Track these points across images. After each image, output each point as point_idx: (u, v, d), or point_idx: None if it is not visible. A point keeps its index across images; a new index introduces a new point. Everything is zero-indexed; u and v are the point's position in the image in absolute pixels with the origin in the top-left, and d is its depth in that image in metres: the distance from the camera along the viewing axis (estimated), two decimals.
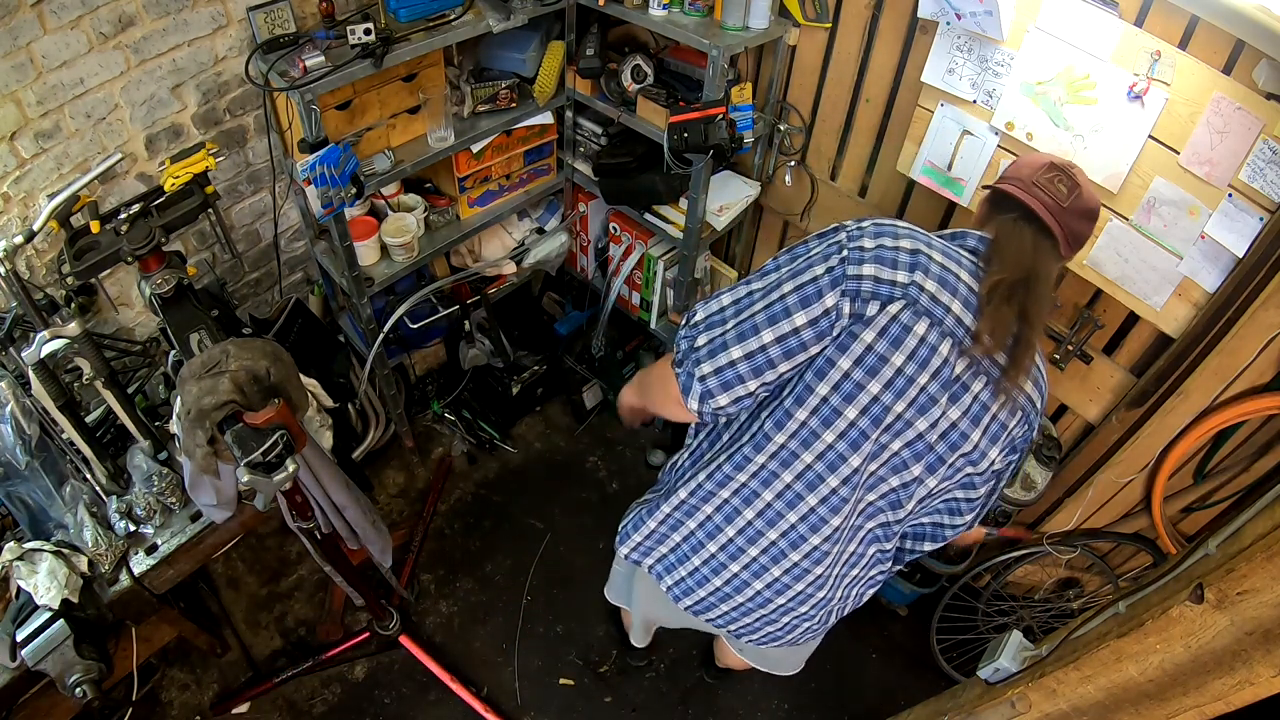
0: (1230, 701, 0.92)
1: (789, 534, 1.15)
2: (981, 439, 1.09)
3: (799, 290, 1.01)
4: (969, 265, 1.06)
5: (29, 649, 1.32)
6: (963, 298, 1.02)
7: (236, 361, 1.13)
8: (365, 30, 1.67)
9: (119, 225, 1.36)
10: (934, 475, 1.11)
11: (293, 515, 1.47)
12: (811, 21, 1.89)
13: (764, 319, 1.02)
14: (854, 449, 1.06)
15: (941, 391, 1.04)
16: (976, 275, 1.05)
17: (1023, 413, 1.10)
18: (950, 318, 1.01)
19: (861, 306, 0.99)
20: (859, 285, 0.99)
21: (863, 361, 1.01)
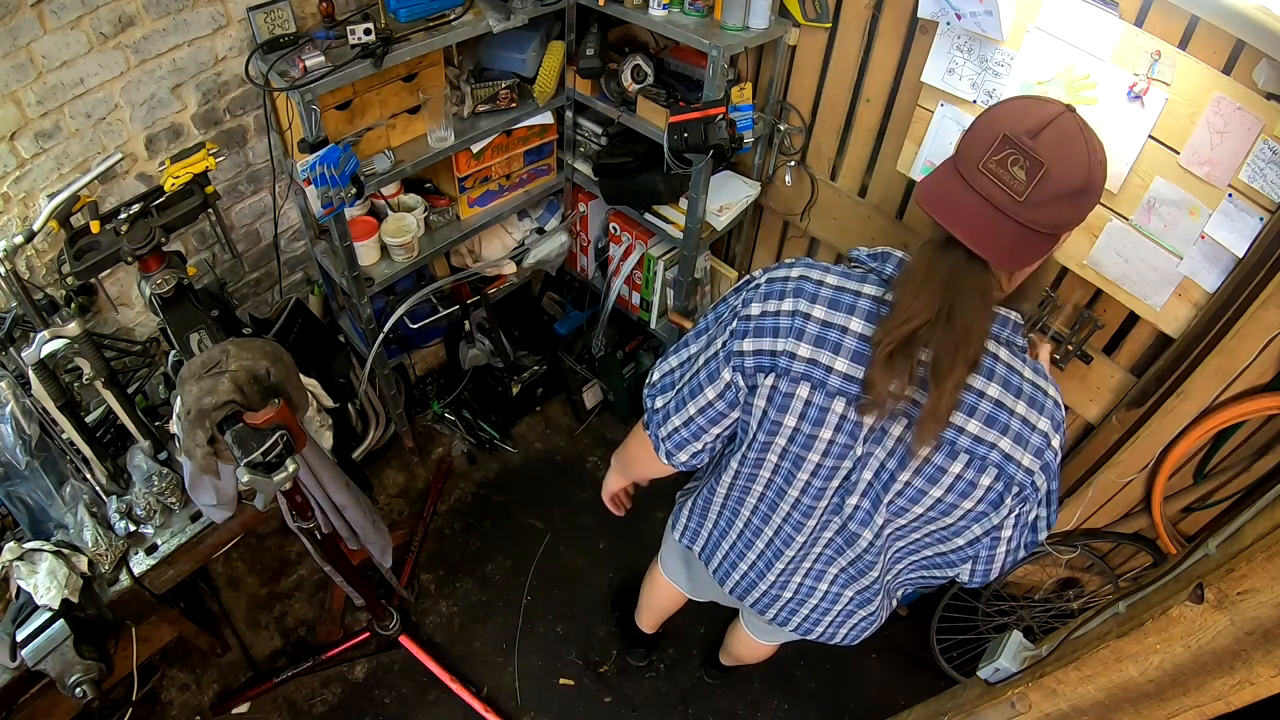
0: (1230, 701, 0.92)
1: (781, 528, 1.23)
2: (915, 479, 1.00)
3: (706, 365, 1.06)
4: (866, 308, 0.94)
5: (29, 649, 1.32)
6: (850, 351, 0.94)
7: (236, 361, 1.13)
8: (365, 30, 1.67)
9: (119, 225, 1.36)
10: (877, 512, 1.07)
11: (293, 515, 1.47)
12: (811, 21, 1.89)
13: (689, 392, 1.09)
14: (787, 483, 1.13)
15: (853, 440, 1.00)
16: (874, 318, 0.94)
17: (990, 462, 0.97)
18: (834, 377, 0.95)
19: (750, 379, 1.01)
20: (743, 361, 1.00)
21: (763, 425, 1.04)
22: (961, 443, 0.96)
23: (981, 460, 0.97)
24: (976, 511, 1.03)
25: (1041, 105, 0.87)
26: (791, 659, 2.29)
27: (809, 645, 2.31)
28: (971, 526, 1.06)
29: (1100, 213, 1.58)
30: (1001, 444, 0.96)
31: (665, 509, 2.61)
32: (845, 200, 2.10)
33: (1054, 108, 0.87)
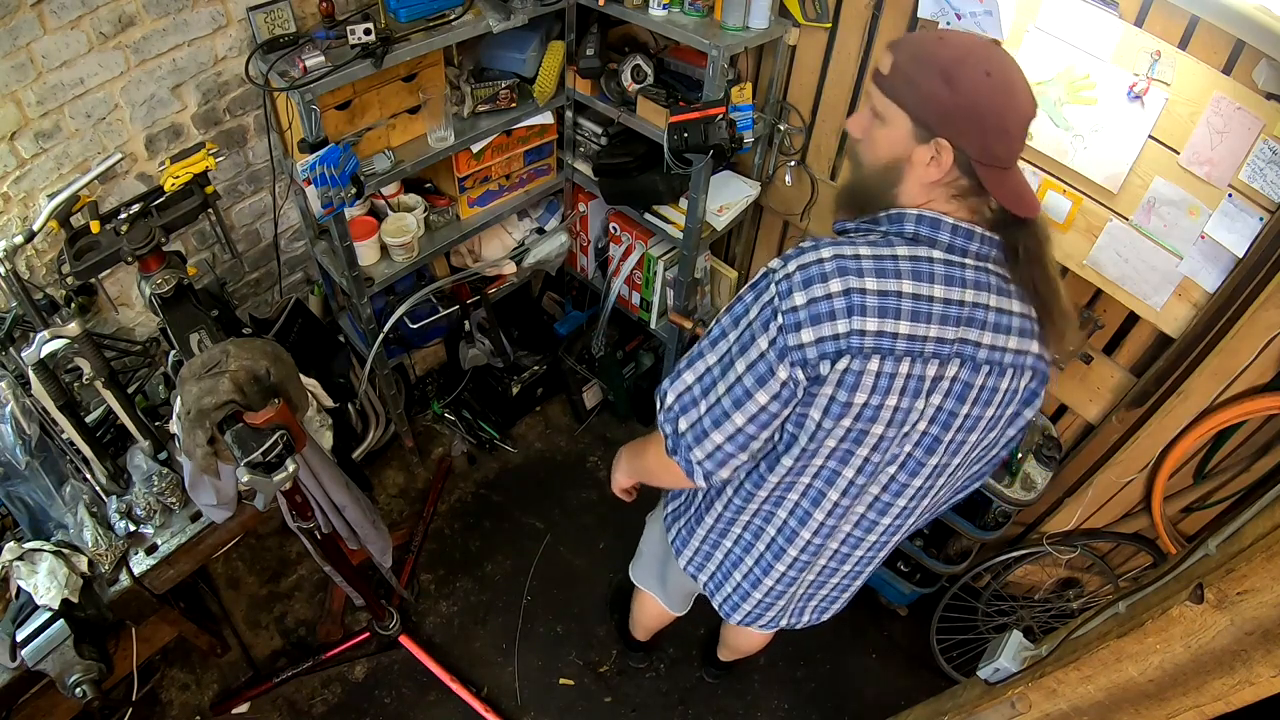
0: (1230, 701, 0.92)
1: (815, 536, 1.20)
2: (973, 409, 1.04)
3: (752, 370, 1.00)
4: (909, 269, 0.95)
5: (29, 649, 1.32)
6: (909, 312, 0.94)
7: (236, 361, 1.13)
8: (365, 30, 1.67)
9: (119, 225, 1.36)
10: (933, 455, 1.08)
11: (293, 515, 1.47)
12: (811, 21, 1.89)
13: (731, 404, 1.02)
14: (844, 463, 1.09)
15: (914, 399, 1.01)
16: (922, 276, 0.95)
17: (1026, 366, 1.03)
18: (900, 341, 0.95)
19: (813, 370, 0.96)
20: (803, 354, 0.95)
21: (829, 411, 1.00)
22: (1006, 360, 1.01)
23: (1019, 368, 1.03)
24: (1019, 415, 1.09)
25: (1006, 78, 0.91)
26: (791, 659, 2.29)
27: (809, 645, 2.32)
28: (1009, 431, 1.12)
29: (1100, 213, 1.58)
30: (1031, 348, 1.03)
31: None
32: None
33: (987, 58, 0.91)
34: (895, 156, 0.96)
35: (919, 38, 0.98)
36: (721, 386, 1.02)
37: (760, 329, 0.98)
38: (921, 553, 2.09)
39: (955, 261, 0.97)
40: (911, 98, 0.93)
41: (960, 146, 0.92)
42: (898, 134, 0.95)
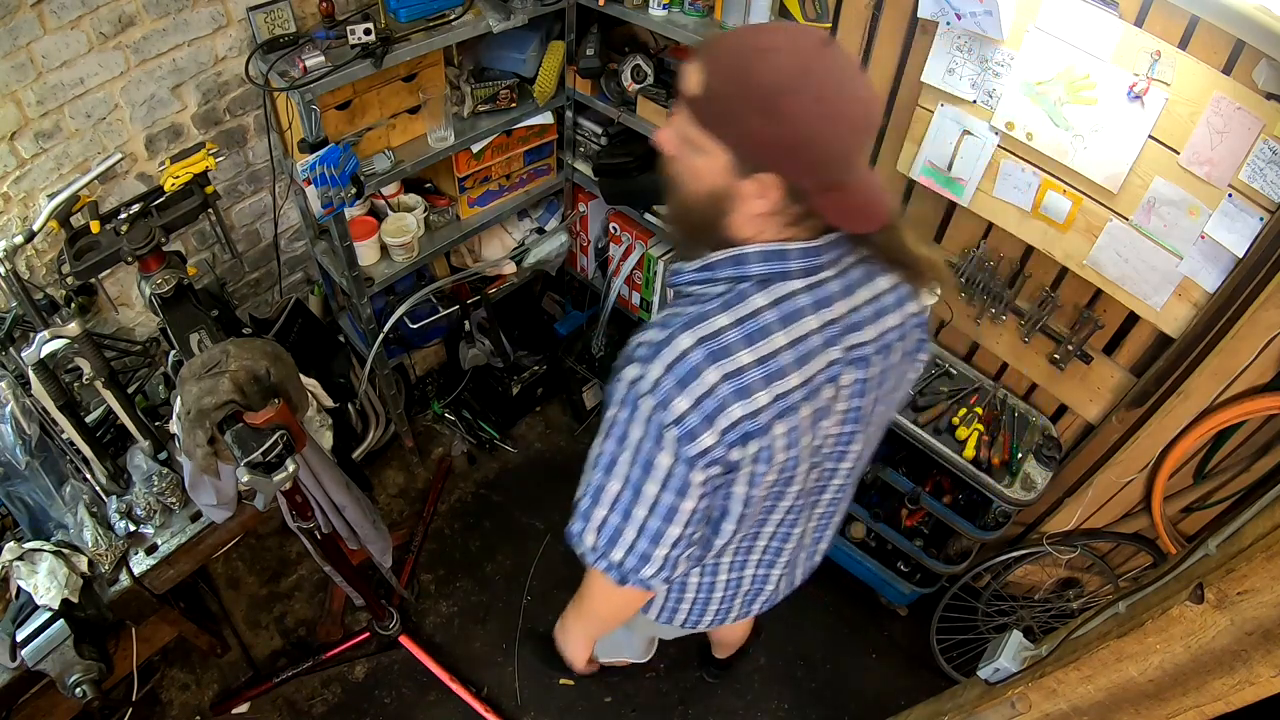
0: (1230, 701, 0.92)
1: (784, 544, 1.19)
2: (876, 391, 1.01)
3: (666, 488, 0.89)
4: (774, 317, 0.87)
5: (29, 649, 1.32)
6: (795, 361, 0.88)
7: (236, 361, 1.13)
8: (365, 30, 1.67)
9: (119, 225, 1.36)
10: (855, 441, 1.05)
11: (293, 515, 1.47)
12: (811, 22, 1.89)
13: (661, 520, 0.92)
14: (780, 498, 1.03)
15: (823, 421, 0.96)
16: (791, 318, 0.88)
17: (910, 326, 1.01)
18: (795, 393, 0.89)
19: (726, 463, 0.89)
20: (710, 454, 0.86)
21: (753, 483, 0.93)
22: (891, 337, 0.99)
23: (904, 334, 1.01)
24: (914, 364, 1.09)
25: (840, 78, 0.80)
26: (791, 659, 2.29)
27: (809, 645, 2.32)
28: (910, 377, 1.11)
29: (1100, 213, 1.58)
30: (910, 309, 1.01)
31: None
32: None
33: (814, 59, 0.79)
34: (717, 188, 0.85)
35: (733, 48, 0.82)
36: (642, 510, 0.92)
37: (654, 448, 0.87)
38: (921, 553, 2.09)
39: (816, 283, 0.90)
40: (729, 132, 0.81)
41: (789, 179, 0.82)
42: (716, 165, 0.83)
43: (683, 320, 0.87)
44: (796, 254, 0.89)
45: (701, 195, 0.88)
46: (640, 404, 0.87)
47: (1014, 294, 1.83)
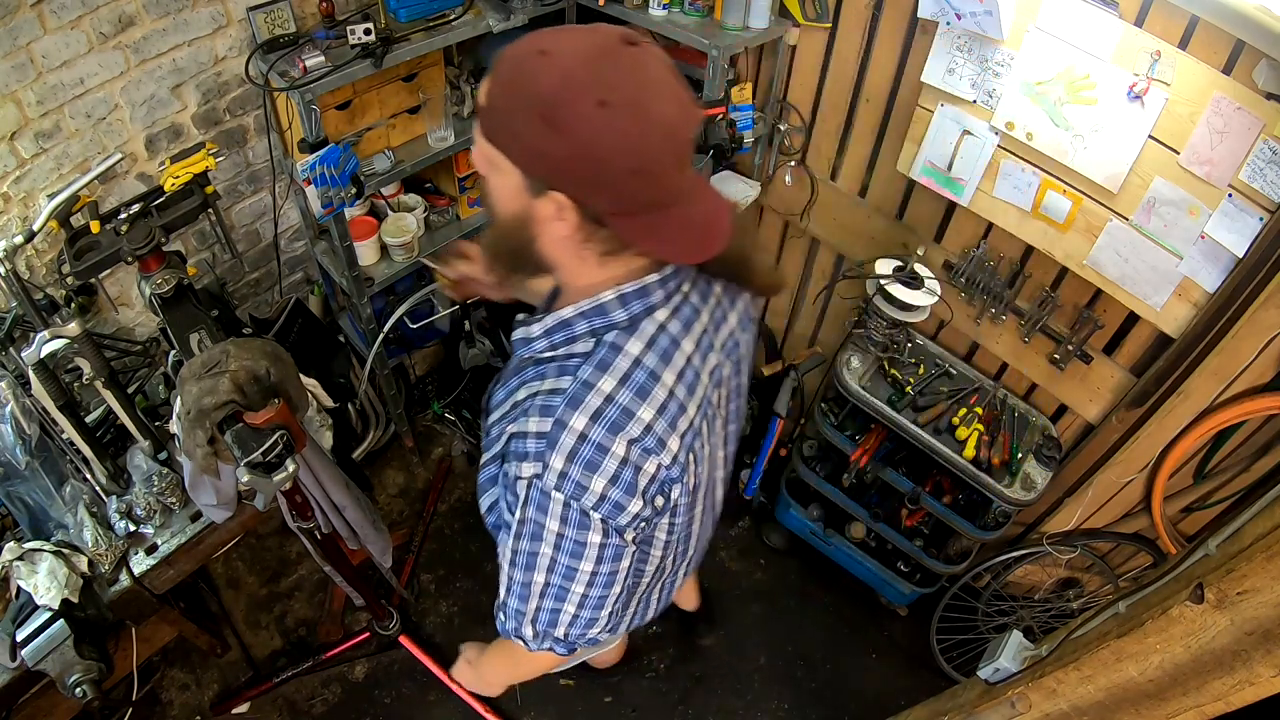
0: (1230, 701, 0.92)
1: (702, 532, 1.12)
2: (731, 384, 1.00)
3: (603, 559, 0.85)
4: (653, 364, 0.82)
5: (29, 649, 1.32)
6: (685, 394, 0.85)
7: (236, 361, 1.13)
8: (365, 30, 1.67)
9: (119, 225, 1.36)
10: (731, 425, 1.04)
11: (293, 515, 1.47)
12: (811, 21, 1.89)
13: (601, 589, 0.88)
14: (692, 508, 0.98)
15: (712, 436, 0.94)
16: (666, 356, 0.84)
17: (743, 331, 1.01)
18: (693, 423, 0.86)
19: (654, 513, 0.85)
20: (640, 516, 0.83)
21: (676, 514, 0.90)
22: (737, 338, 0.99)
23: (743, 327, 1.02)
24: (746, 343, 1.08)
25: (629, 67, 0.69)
26: (791, 659, 2.29)
27: (809, 645, 2.32)
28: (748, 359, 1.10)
29: (1100, 213, 1.58)
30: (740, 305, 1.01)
31: None
32: (845, 200, 2.10)
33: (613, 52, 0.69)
34: (518, 210, 0.77)
35: (516, 52, 0.71)
36: (580, 587, 0.87)
37: (580, 532, 0.82)
38: (921, 553, 2.09)
39: (678, 307, 0.86)
40: (513, 145, 0.72)
41: (583, 202, 0.73)
42: (511, 184, 0.75)
43: (564, 400, 0.79)
44: (656, 285, 0.83)
45: (508, 219, 0.79)
46: (550, 500, 0.80)
47: (1014, 294, 1.84)
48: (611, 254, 0.80)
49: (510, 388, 0.90)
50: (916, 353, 2.07)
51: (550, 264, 0.83)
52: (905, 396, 1.93)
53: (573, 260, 0.81)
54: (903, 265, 1.92)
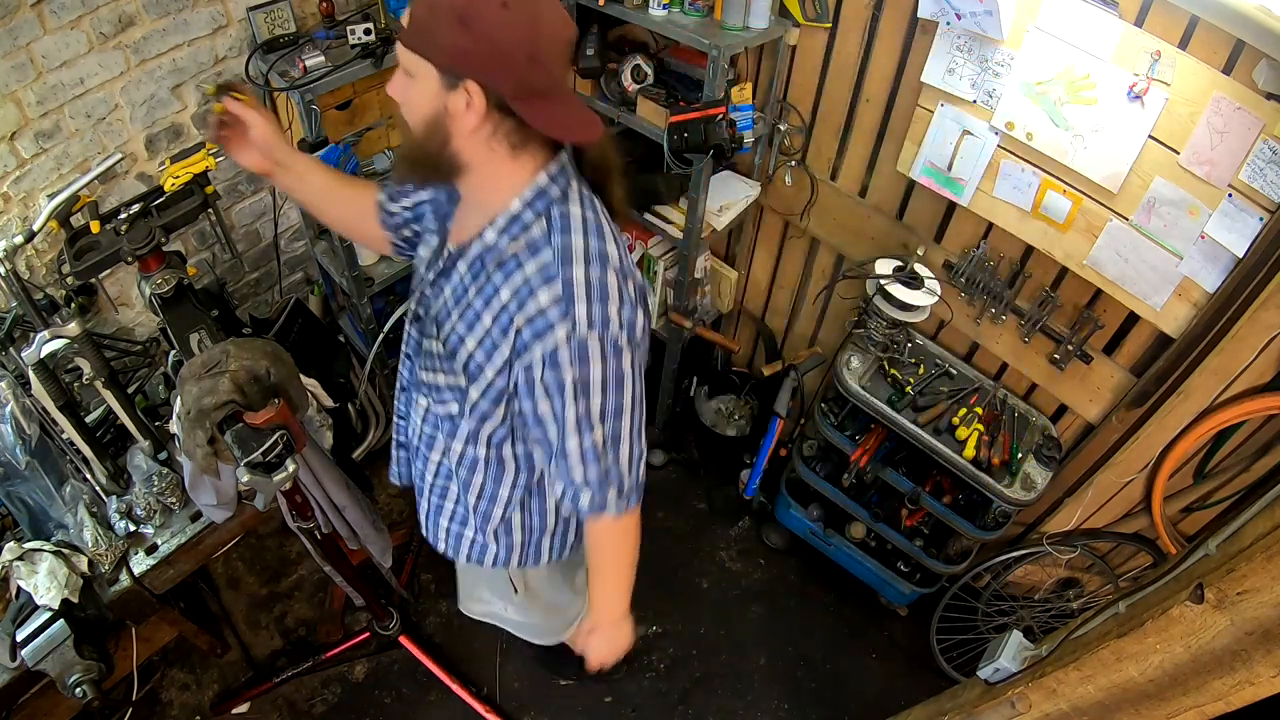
0: (1230, 701, 0.92)
1: None
2: None
3: (635, 376, 1.02)
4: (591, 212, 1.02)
5: (29, 649, 1.32)
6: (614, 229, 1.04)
7: (236, 361, 1.13)
8: (365, 30, 1.67)
9: (119, 225, 1.36)
10: None
11: (293, 515, 1.47)
12: (811, 21, 1.89)
13: (639, 407, 1.05)
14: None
15: None
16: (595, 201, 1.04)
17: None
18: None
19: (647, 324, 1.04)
20: (644, 328, 1.02)
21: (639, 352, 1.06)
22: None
23: None
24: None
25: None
26: (791, 659, 2.29)
27: (809, 645, 2.32)
28: None
29: (1100, 213, 1.58)
30: None
31: (667, 508, 2.61)
32: (845, 200, 2.10)
33: None
34: (434, 111, 0.92)
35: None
36: (627, 419, 1.03)
37: (617, 360, 0.98)
38: (921, 553, 2.09)
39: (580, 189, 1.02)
40: (432, 48, 0.89)
41: (491, 87, 0.89)
42: (429, 87, 0.91)
43: (557, 264, 0.95)
44: (561, 171, 1.00)
45: (424, 125, 0.93)
46: (588, 346, 0.95)
47: (1014, 294, 1.83)
48: (517, 147, 0.96)
49: (478, 299, 1.02)
50: (916, 353, 2.07)
51: (464, 164, 0.96)
52: (905, 396, 1.93)
53: (485, 155, 0.95)
54: (903, 265, 1.92)
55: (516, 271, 0.97)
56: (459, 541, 1.35)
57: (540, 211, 0.98)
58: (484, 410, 1.08)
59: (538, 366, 0.96)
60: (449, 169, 0.97)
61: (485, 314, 1.00)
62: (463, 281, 1.04)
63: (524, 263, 0.97)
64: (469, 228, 1.03)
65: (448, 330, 1.06)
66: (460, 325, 1.04)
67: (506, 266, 0.98)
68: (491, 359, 1.01)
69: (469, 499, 1.25)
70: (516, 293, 0.97)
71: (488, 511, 1.26)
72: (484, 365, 1.02)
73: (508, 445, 1.16)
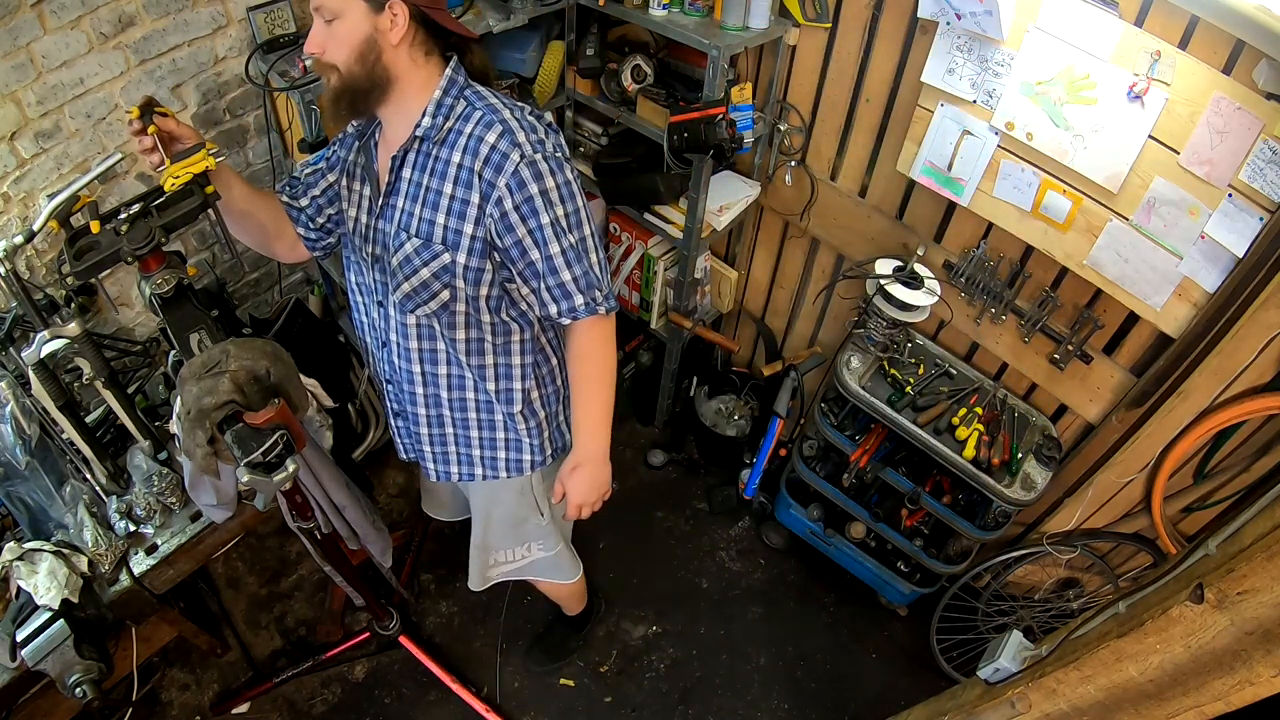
0: (1230, 701, 0.92)
1: None
2: None
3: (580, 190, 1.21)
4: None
5: (29, 649, 1.32)
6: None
7: (236, 361, 1.13)
8: None
9: (119, 225, 1.35)
10: None
11: (293, 515, 1.47)
12: (811, 21, 1.89)
13: (592, 224, 1.24)
14: None
15: None
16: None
17: None
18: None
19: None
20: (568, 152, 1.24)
21: None
22: None
23: None
24: None
25: None
26: (791, 659, 2.29)
27: (809, 645, 2.32)
28: None
29: (1100, 213, 1.58)
30: None
31: (667, 507, 2.61)
32: (845, 200, 2.10)
33: None
34: (364, 35, 1.08)
35: None
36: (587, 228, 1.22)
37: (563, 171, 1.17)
38: (921, 553, 2.10)
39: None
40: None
41: (412, 1, 1.08)
42: (356, 16, 1.07)
43: (490, 116, 1.14)
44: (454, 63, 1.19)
45: (355, 53, 1.09)
46: (537, 164, 1.13)
47: (1014, 294, 1.84)
48: (429, 54, 1.16)
49: (433, 179, 1.17)
50: (916, 353, 2.07)
51: (393, 77, 1.13)
52: (905, 396, 1.93)
53: (407, 63, 1.13)
54: (903, 265, 1.93)
55: (459, 137, 1.15)
56: (494, 450, 1.46)
57: (456, 95, 1.17)
58: (475, 270, 1.20)
59: (507, 197, 1.13)
60: (381, 85, 1.13)
61: (445, 184, 1.16)
62: (412, 181, 1.19)
63: (463, 129, 1.15)
64: (401, 135, 1.19)
65: (416, 224, 1.19)
66: (425, 210, 1.18)
67: (449, 139, 1.15)
68: (465, 215, 1.16)
69: (489, 388, 1.36)
70: (466, 148, 1.14)
71: (509, 390, 1.38)
72: (459, 227, 1.17)
73: (504, 309, 1.29)
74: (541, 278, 1.20)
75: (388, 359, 1.39)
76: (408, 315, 1.28)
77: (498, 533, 1.67)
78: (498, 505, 1.61)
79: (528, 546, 1.70)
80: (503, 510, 1.62)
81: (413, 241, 1.20)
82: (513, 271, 1.22)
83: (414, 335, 1.30)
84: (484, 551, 1.71)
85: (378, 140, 1.26)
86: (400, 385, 1.40)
